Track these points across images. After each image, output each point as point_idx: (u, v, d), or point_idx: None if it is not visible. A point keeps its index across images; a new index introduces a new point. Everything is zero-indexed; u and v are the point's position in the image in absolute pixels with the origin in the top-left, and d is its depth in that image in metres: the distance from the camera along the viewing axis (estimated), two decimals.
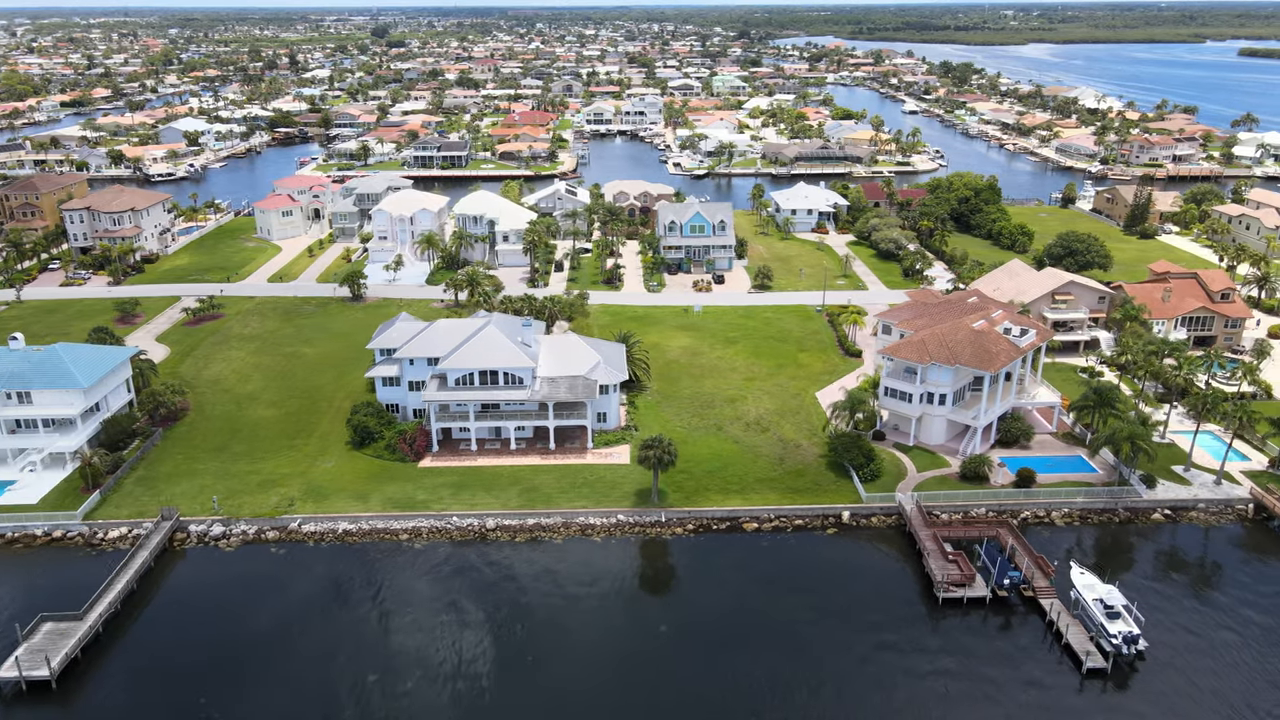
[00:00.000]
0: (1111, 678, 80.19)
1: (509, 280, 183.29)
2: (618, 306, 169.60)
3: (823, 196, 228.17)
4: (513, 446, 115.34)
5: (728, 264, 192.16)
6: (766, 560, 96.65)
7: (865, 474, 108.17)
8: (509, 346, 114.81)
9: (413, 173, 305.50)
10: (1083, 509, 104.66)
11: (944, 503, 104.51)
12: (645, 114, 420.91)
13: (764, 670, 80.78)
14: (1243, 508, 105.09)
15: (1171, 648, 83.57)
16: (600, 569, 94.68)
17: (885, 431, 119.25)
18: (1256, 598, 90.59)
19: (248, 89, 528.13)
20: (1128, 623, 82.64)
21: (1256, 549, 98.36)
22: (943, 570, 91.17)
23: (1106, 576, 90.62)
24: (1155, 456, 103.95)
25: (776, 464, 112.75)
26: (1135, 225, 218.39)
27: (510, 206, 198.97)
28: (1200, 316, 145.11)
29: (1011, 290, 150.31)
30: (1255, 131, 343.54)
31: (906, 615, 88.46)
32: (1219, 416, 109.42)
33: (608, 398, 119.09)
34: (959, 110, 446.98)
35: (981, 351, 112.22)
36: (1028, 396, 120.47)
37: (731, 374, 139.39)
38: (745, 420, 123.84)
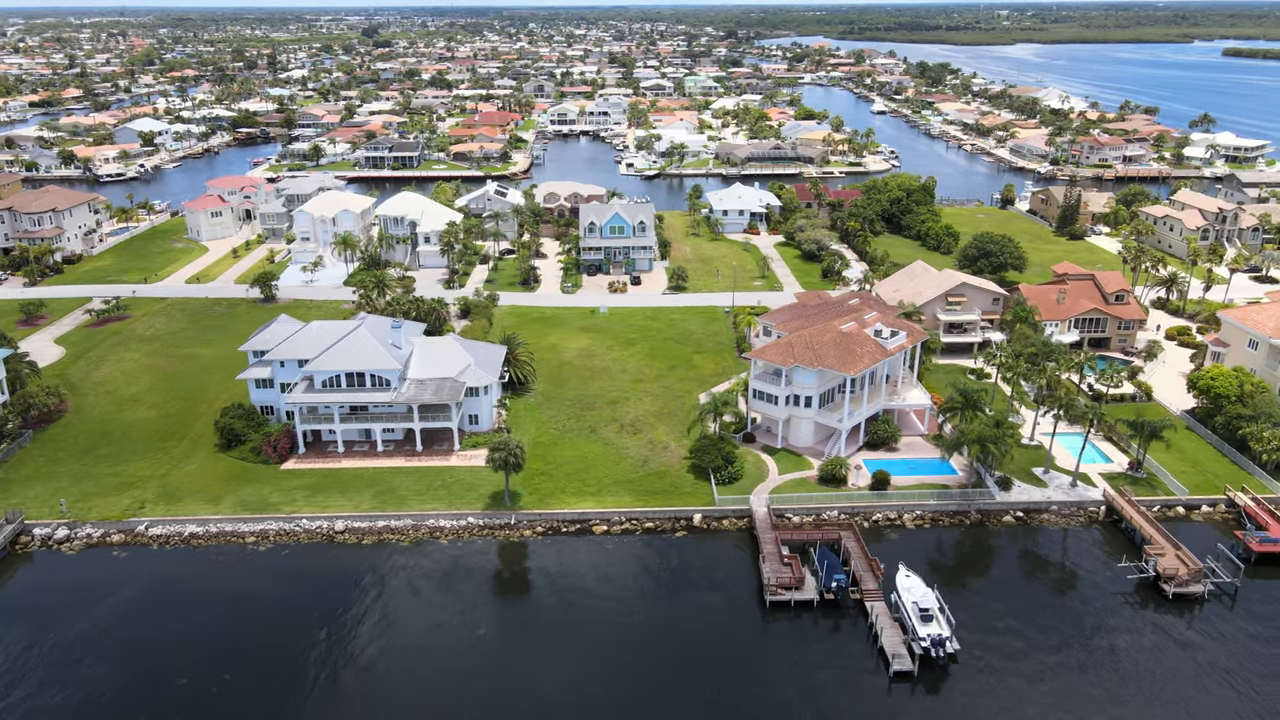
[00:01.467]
0: (920, 680, 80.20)
1: (428, 281, 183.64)
2: (526, 307, 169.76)
3: (755, 197, 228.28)
4: (380, 449, 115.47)
5: (648, 265, 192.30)
6: (609, 563, 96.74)
7: (723, 476, 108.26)
8: (377, 349, 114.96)
9: (364, 173, 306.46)
10: (935, 511, 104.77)
11: (797, 505, 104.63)
12: (609, 114, 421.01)
13: (579, 673, 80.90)
14: (1095, 510, 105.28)
15: (987, 649, 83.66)
16: (438, 572, 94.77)
17: (755, 434, 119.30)
18: (1084, 600, 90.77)
19: (218, 89, 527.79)
20: (940, 625, 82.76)
21: (1097, 551, 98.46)
22: (775, 573, 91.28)
23: (934, 579, 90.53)
24: (1001, 459, 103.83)
25: (640, 466, 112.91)
26: (1065, 226, 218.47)
27: (434, 208, 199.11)
28: (1093, 318, 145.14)
29: (909, 291, 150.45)
30: (1211, 132, 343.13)
31: (733, 618, 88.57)
32: (1074, 418, 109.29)
33: (479, 399, 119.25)
34: (925, 111, 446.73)
35: (845, 354, 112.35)
36: (899, 399, 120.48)
37: (622, 375, 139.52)
38: (621, 422, 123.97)
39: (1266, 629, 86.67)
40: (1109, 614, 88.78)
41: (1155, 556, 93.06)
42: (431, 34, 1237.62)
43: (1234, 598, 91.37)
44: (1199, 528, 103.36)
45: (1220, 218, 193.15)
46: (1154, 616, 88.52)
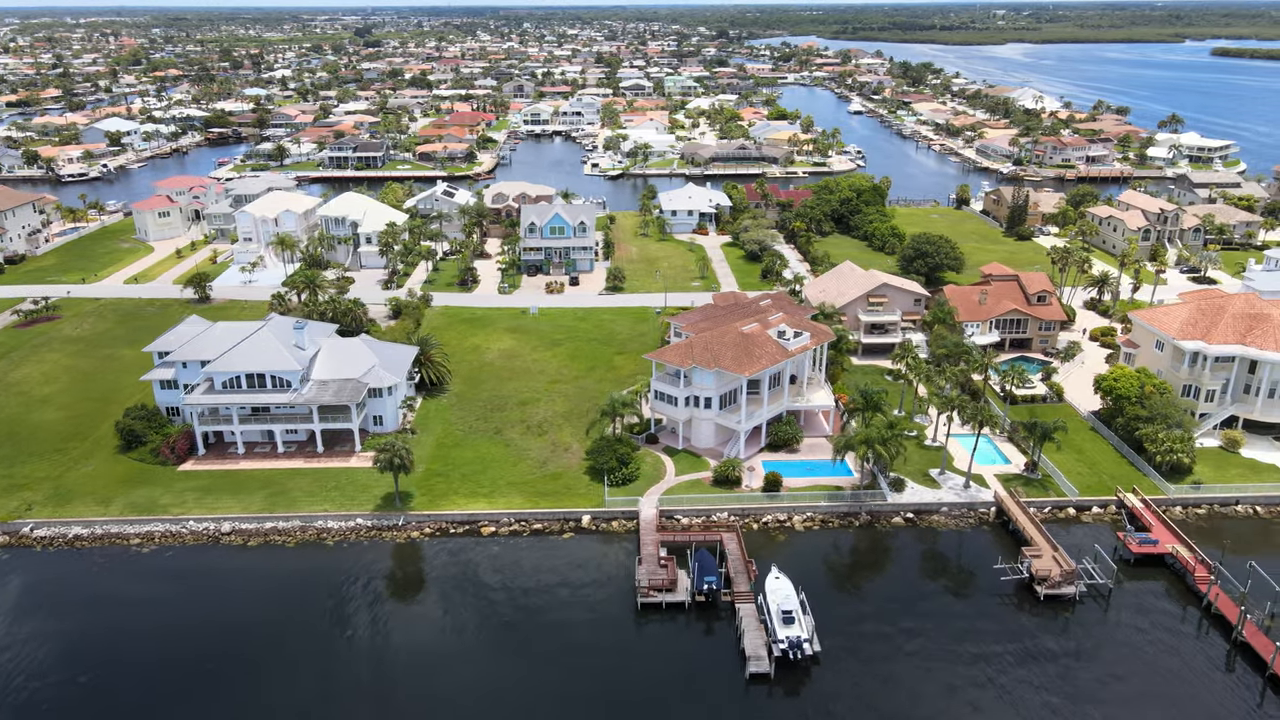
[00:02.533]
0: (776, 682, 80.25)
1: (368, 282, 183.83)
2: (459, 308, 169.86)
3: (705, 197, 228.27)
4: (281, 450, 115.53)
5: (589, 265, 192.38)
6: (491, 565, 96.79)
7: (617, 478, 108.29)
8: (278, 350, 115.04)
9: (327, 174, 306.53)
10: (826, 513, 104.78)
11: (686, 507, 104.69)
12: (583, 114, 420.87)
13: (446, 674, 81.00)
14: (985, 511, 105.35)
15: (850, 651, 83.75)
16: (318, 574, 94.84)
17: (659, 435, 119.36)
18: (956, 602, 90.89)
19: (197, 89, 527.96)
20: (800, 627, 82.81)
21: (980, 553, 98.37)
22: (648, 575, 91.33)
23: (807, 580, 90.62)
24: (891, 460, 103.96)
25: (538, 467, 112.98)
26: (1014, 227, 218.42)
27: (377, 208, 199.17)
28: (1014, 319, 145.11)
29: (834, 292, 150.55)
30: (1180, 132, 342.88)
31: (605, 620, 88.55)
32: (966, 419, 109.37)
33: (383, 400, 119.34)
34: (900, 111, 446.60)
35: (743, 355, 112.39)
36: (803, 400, 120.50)
37: (540, 376, 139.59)
38: (528, 423, 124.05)
39: (1128, 632, 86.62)
40: (978, 616, 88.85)
41: (1031, 558, 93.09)
42: (425, 34, 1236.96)
43: (1108, 599, 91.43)
44: (1089, 529, 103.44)
45: (1161, 218, 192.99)
46: (1022, 618, 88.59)
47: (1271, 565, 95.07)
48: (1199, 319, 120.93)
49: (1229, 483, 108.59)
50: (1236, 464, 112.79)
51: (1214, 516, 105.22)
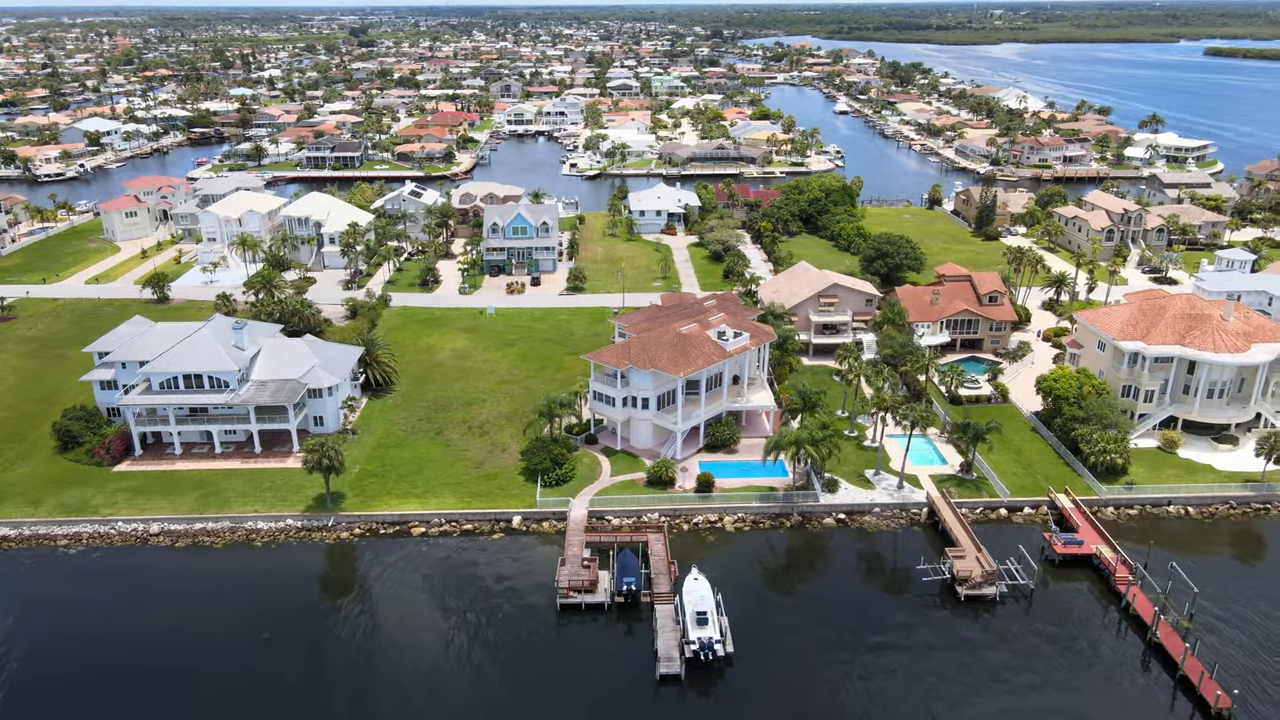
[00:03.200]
0: (687, 683, 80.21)
1: (330, 282, 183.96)
2: (417, 308, 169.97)
3: (675, 197, 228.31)
4: (218, 450, 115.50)
5: (551, 266, 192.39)
6: (418, 565, 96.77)
7: (551, 478, 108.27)
8: (216, 350, 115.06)
9: (305, 174, 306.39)
10: (757, 514, 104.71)
11: (618, 507, 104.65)
12: (566, 115, 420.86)
13: (362, 674, 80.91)
14: (917, 512, 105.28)
15: (765, 651, 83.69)
16: (243, 575, 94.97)
17: (600, 435, 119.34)
18: (876, 602, 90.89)
19: (184, 89, 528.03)
20: (713, 628, 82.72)
21: (906, 553, 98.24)
22: (569, 576, 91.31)
23: (728, 581, 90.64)
24: (823, 461, 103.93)
25: (475, 468, 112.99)
26: (983, 227, 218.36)
27: (341, 208, 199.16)
28: (965, 319, 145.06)
29: (787, 292, 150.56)
30: (1160, 131, 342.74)
31: (525, 621, 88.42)
32: (897, 420, 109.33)
33: (323, 401, 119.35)
34: (884, 111, 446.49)
35: (679, 355, 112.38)
36: (743, 400, 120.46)
37: (490, 377, 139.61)
38: (471, 424, 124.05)
39: (1045, 633, 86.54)
40: (897, 616, 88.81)
41: (954, 559, 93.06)
42: (421, 33, 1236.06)
43: (1030, 599, 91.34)
44: (1021, 529, 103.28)
45: (1125, 219, 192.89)
46: (941, 618, 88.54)
47: (1198, 565, 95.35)
48: (1140, 320, 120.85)
49: (1163, 483, 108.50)
50: (1173, 464, 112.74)
51: (1145, 517, 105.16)
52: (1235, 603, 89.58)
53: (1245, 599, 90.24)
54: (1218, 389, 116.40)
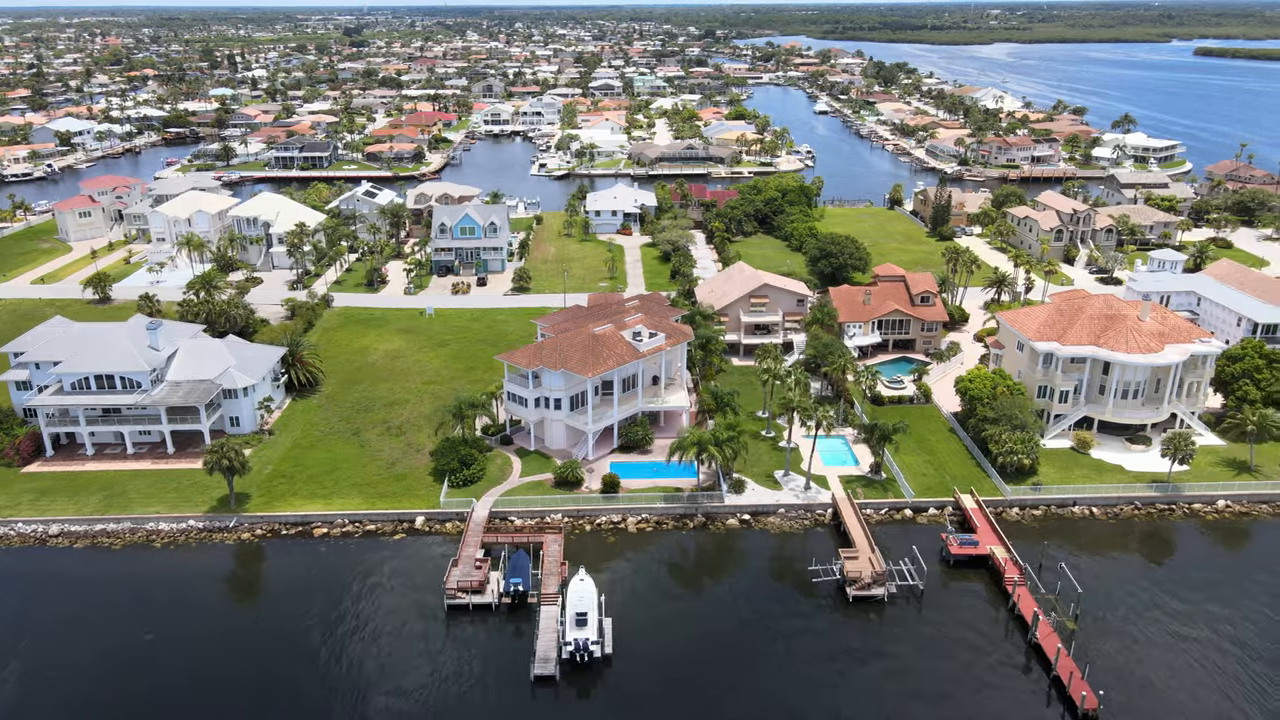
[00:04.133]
0: (562, 684, 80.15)
1: (276, 282, 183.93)
2: (359, 309, 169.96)
3: (631, 198, 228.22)
4: (130, 451, 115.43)
5: (501, 266, 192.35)
6: (315, 566, 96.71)
7: (458, 479, 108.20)
8: (129, 350, 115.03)
9: (272, 174, 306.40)
10: (661, 514, 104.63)
11: (521, 508, 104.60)
12: (543, 115, 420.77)
13: (245, 676, 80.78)
14: (822, 513, 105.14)
15: (646, 653, 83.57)
16: (138, 576, 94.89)
17: (514, 436, 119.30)
18: (763, 603, 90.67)
19: (166, 89, 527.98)
20: (590, 629, 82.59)
21: (804, 554, 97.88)
22: (459, 577, 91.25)
23: (616, 582, 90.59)
24: (727, 461, 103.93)
25: (387, 468, 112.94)
26: (938, 227, 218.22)
27: (292, 209, 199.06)
28: (896, 319, 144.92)
29: (720, 292, 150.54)
30: (1131, 131, 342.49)
31: (413, 622, 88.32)
32: (803, 420, 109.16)
33: (239, 401, 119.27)
34: (863, 110, 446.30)
35: (590, 356, 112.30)
36: (660, 401, 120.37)
37: (418, 377, 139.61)
38: (390, 424, 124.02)
39: (929, 633, 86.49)
40: (783, 617, 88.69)
41: (845, 559, 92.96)
42: (415, 34, 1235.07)
43: (920, 600, 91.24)
44: (926, 530, 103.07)
45: (1074, 219, 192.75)
46: (826, 619, 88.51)
47: (1093, 566, 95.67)
48: (1057, 320, 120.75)
49: (1073, 484, 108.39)
50: (1084, 465, 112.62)
51: (1050, 518, 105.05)
52: (1121, 603, 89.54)
53: (1132, 599, 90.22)
54: (1132, 390, 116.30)
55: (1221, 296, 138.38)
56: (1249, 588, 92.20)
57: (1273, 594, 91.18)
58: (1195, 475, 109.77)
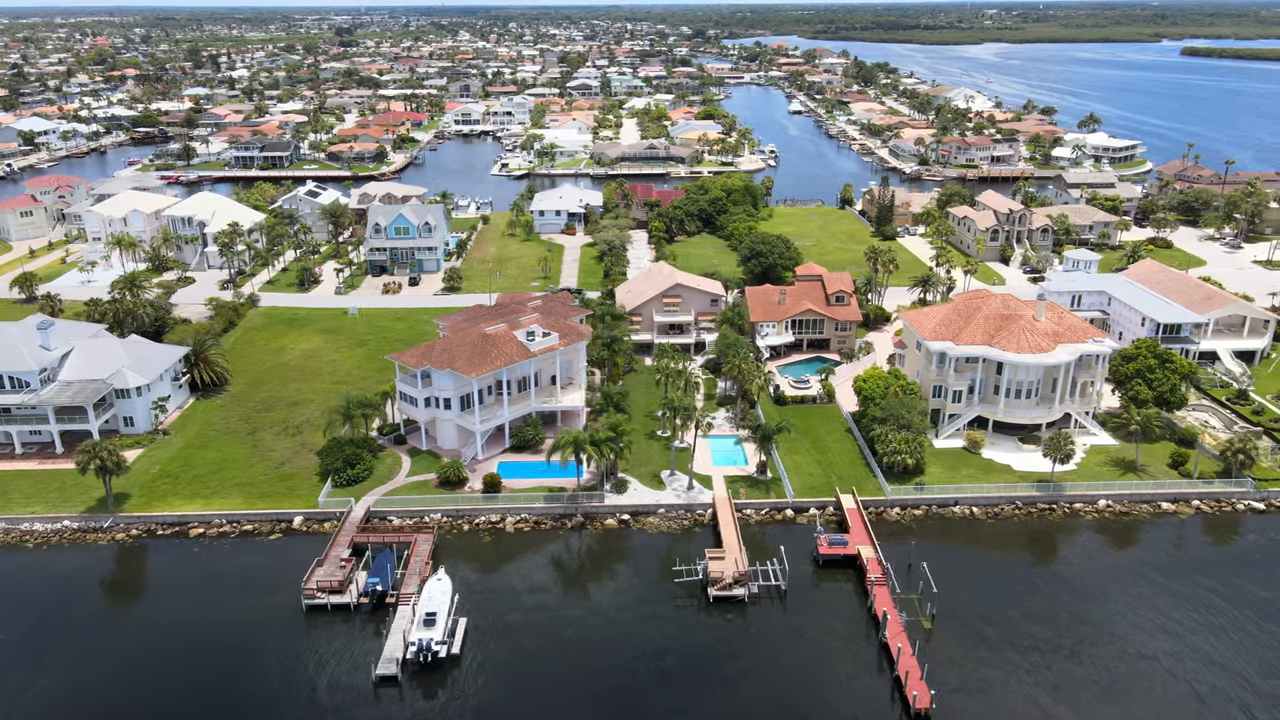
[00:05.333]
0: (407, 684, 79.92)
1: (209, 282, 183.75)
2: (284, 308, 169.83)
3: (576, 197, 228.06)
4: (18, 451, 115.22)
5: (436, 265, 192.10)
6: (186, 567, 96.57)
7: (343, 478, 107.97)
8: (17, 350, 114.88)
9: (232, 173, 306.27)
10: (540, 514, 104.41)
11: (400, 508, 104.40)
12: (514, 114, 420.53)
13: (96, 678, 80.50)
14: (702, 513, 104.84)
15: (498, 653, 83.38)
16: (4, 577, 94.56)
17: (408, 436, 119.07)
18: (623, 604, 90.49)
19: (143, 88, 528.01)
20: (439, 630, 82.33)
21: (674, 554, 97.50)
22: (320, 577, 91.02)
23: (474, 582, 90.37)
24: (604, 460, 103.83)
25: (275, 468, 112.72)
26: (881, 226, 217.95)
27: (229, 208, 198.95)
28: (810, 319, 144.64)
29: (637, 292, 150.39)
30: (1095, 132, 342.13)
31: (267, 622, 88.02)
32: (685, 420, 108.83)
33: (133, 402, 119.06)
34: (835, 110, 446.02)
35: (477, 356, 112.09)
36: (554, 401, 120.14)
37: (329, 377, 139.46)
38: (289, 424, 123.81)
39: (784, 634, 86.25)
40: (643, 618, 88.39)
41: (710, 560, 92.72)
42: (410, 33, 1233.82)
43: (783, 600, 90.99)
44: (806, 530, 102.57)
45: (1010, 218, 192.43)
46: (683, 619, 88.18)
47: (963, 565, 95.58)
48: (953, 320, 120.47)
49: (959, 483, 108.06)
50: (973, 465, 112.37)
51: (930, 518, 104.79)
52: (979, 602, 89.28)
53: (991, 599, 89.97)
54: (1025, 389, 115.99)
55: (1129, 297, 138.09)
56: (1110, 589, 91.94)
57: (1133, 595, 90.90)
58: (1083, 475, 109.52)
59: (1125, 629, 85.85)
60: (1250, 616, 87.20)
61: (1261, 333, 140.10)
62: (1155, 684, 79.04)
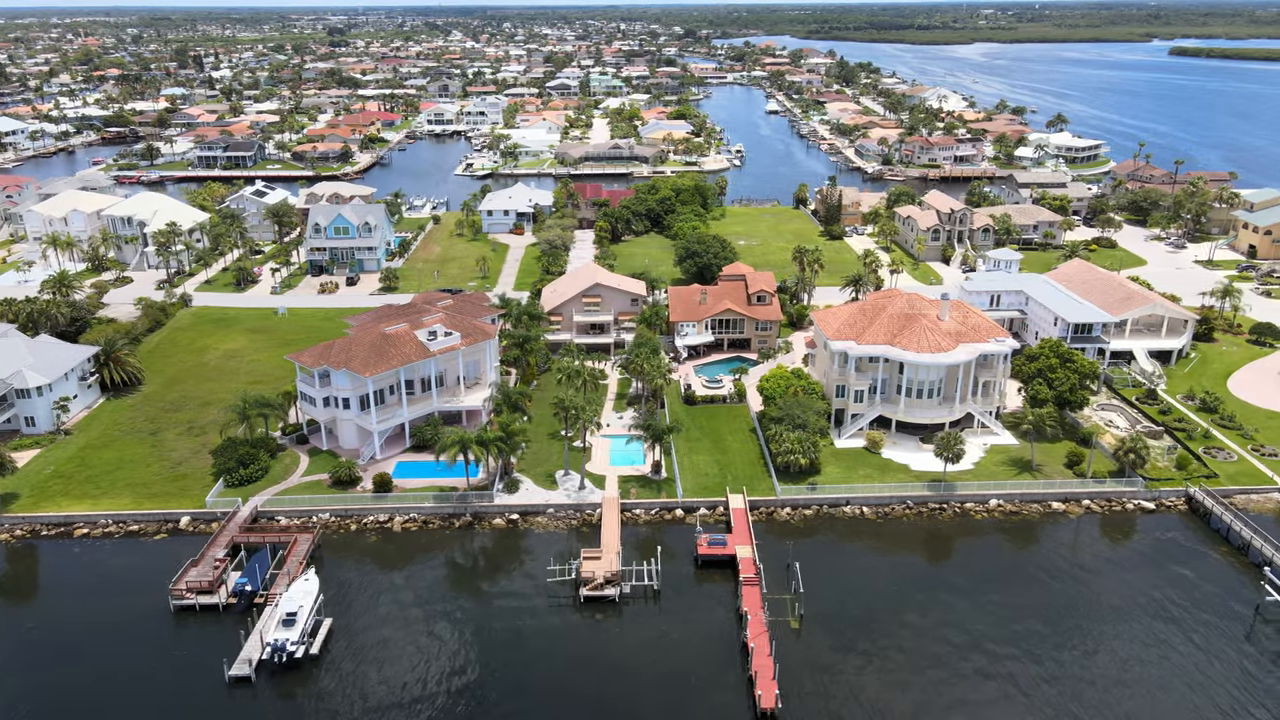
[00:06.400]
0: (261, 685, 79.66)
1: (147, 282, 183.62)
2: (216, 308, 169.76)
3: (526, 197, 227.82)
4: None
5: (376, 265, 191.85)
6: (65, 567, 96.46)
7: (235, 478, 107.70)
8: None
9: (195, 173, 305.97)
10: (429, 514, 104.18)
11: (289, 508, 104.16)
12: (486, 114, 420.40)
13: None
14: (591, 512, 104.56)
15: (363, 651, 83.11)
16: None
17: (310, 435, 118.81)
18: (496, 604, 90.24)
19: (120, 88, 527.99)
20: (297, 630, 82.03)
21: (553, 554, 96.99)
22: (191, 577, 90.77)
23: (360, 582, 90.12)
24: (495, 459, 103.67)
25: (172, 468, 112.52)
26: (829, 225, 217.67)
27: (171, 208, 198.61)
28: (730, 319, 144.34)
29: (560, 292, 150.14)
30: (1063, 131, 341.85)
31: (135, 623, 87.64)
32: (572, 421, 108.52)
33: (33, 401, 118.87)
34: (810, 110, 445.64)
35: (373, 356, 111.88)
36: (456, 401, 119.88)
37: (247, 377, 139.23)
38: (196, 424, 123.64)
39: (650, 635, 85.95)
40: (509, 617, 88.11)
41: (586, 559, 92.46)
42: (403, 34, 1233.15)
43: (656, 600, 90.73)
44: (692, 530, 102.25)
45: (951, 218, 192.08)
46: (553, 619, 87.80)
47: (841, 565, 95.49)
48: (858, 319, 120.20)
49: (855, 483, 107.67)
50: (871, 464, 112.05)
51: (821, 517, 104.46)
52: (848, 603, 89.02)
53: (863, 599, 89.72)
54: (926, 389, 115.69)
55: (1044, 297, 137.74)
56: (986, 589, 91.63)
57: (1007, 595, 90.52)
58: (979, 475, 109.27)
59: (990, 630, 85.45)
60: (1115, 621, 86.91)
61: (1181, 332, 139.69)
62: (1007, 689, 78.63)
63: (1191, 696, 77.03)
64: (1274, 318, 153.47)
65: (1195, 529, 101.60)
